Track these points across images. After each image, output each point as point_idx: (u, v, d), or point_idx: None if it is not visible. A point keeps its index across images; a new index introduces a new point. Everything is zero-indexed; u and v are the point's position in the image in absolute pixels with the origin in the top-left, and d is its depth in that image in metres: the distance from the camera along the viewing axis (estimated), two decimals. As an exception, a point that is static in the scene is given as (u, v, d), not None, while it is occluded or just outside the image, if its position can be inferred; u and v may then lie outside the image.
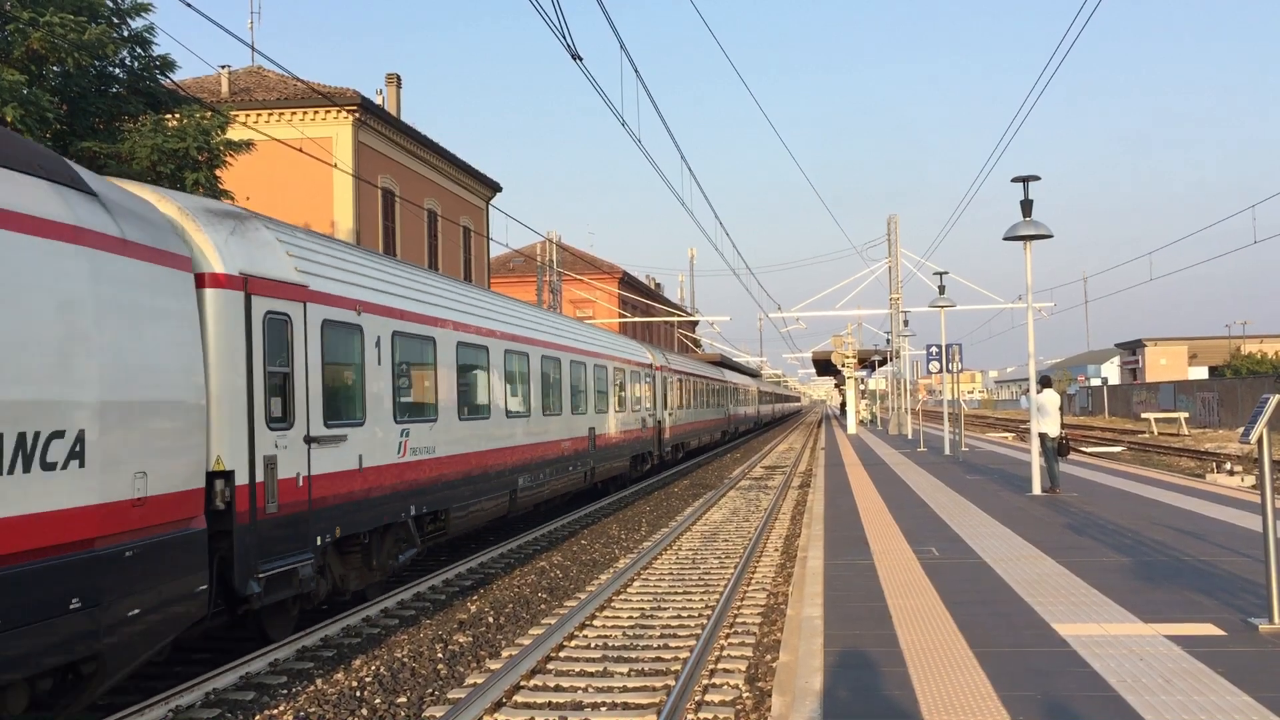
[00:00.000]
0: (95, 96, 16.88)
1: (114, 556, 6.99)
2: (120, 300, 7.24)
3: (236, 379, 8.78)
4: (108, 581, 6.94)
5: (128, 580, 7.15)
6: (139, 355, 7.38)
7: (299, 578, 9.52)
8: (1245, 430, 7.63)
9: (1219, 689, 6.16)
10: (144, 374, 7.42)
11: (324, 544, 10.13)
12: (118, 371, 7.12)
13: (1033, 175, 16.64)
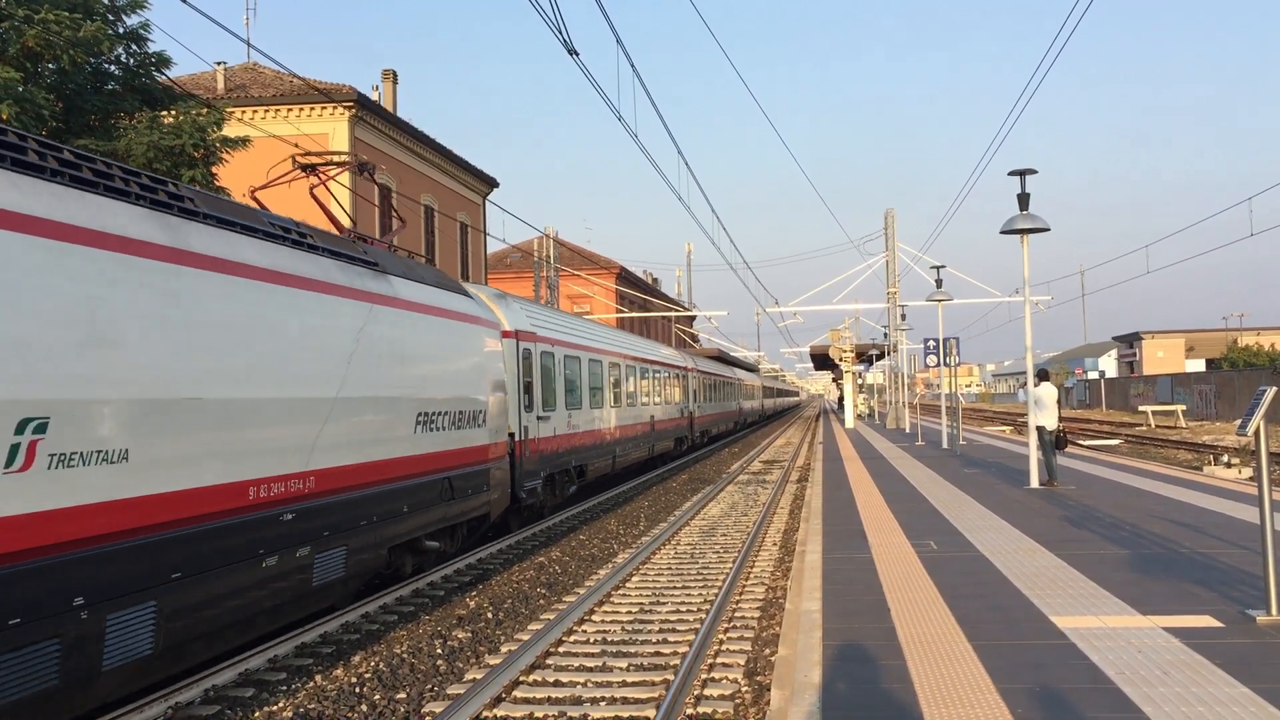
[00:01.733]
0: (91, 94, 16.86)
1: (491, 469, 14.23)
2: (491, 350, 14.39)
3: (515, 385, 16.91)
4: (490, 479, 14.13)
5: (494, 479, 14.32)
6: (497, 374, 14.62)
7: (535, 492, 17.77)
8: (1242, 422, 7.64)
9: (1217, 680, 6.17)
10: (498, 384, 14.65)
11: (542, 477, 18.21)
12: (494, 383, 14.39)
13: (1029, 169, 16.64)
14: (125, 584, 6.92)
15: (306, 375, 9.40)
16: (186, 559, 7.54)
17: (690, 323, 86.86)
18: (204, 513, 7.73)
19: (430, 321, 12.44)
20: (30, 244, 6.33)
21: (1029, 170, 16.65)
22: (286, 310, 9.16)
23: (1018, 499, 16.19)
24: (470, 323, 13.85)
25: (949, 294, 31.92)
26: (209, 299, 7.97)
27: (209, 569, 7.81)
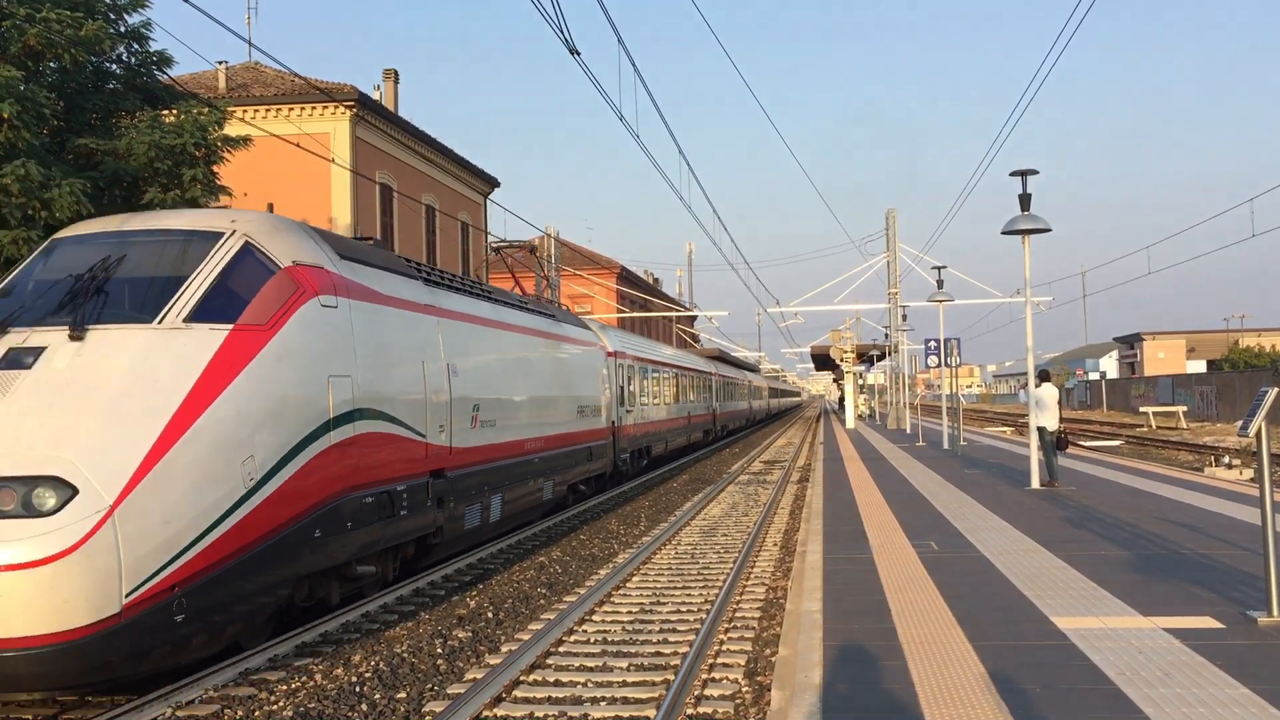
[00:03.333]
0: (92, 93, 16.86)
1: (605, 444, 21.81)
2: (602, 364, 21.99)
3: (612, 390, 22.99)
4: (594, 452, 20.68)
5: (600, 451, 21.24)
6: (600, 385, 21.41)
7: (626, 462, 24.68)
8: (1243, 424, 7.64)
9: (1218, 681, 6.17)
10: (602, 391, 21.59)
11: (629, 452, 25.18)
12: (604, 387, 21.86)
13: (1030, 169, 16.63)
14: (497, 482, 14.34)
15: (535, 383, 16.56)
16: (509, 477, 14.93)
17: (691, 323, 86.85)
18: (515, 455, 15.19)
19: (576, 348, 20.00)
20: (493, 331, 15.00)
21: (1030, 171, 16.64)
22: (518, 347, 15.97)
23: (1018, 499, 16.18)
24: (591, 346, 21.67)
25: (950, 294, 31.93)
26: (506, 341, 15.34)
27: (511, 484, 15.03)
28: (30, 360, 8.15)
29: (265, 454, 8.65)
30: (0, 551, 6.91)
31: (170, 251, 9.27)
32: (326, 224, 28.54)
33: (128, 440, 7.67)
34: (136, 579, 7.34)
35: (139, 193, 15.99)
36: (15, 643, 6.89)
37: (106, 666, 7.39)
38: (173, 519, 7.68)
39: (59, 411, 7.79)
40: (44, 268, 9.40)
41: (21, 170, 13.24)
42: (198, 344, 8.50)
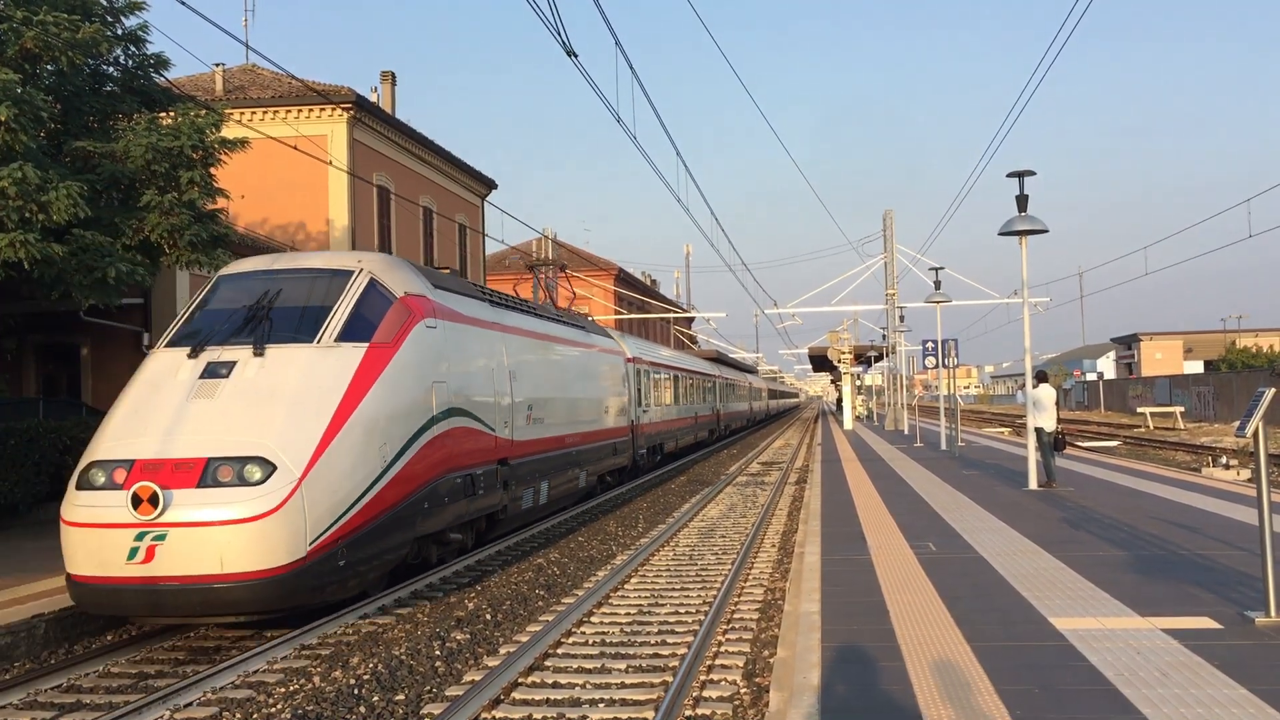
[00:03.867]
0: (89, 95, 16.84)
1: (624, 442, 24.26)
2: (622, 370, 24.72)
3: (631, 392, 25.51)
4: (617, 448, 23.47)
5: (623, 447, 23.99)
6: (622, 387, 24.29)
7: (643, 457, 27.12)
8: (1241, 424, 7.64)
9: (1215, 682, 6.17)
10: (618, 393, 23.72)
11: (646, 449, 27.53)
12: (624, 389, 24.58)
13: (1028, 170, 16.63)
14: (545, 471, 16.93)
15: (572, 386, 19.34)
16: (552, 466, 17.46)
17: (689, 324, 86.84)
18: (555, 449, 17.64)
19: (602, 355, 22.80)
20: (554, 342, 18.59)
21: (1027, 172, 16.65)
22: (558, 355, 18.61)
23: (1016, 500, 16.19)
24: (614, 354, 24.45)
25: (947, 295, 31.92)
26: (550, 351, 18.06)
27: (554, 472, 17.65)
28: (226, 371, 10.62)
29: (394, 442, 11.22)
30: (225, 511, 9.40)
31: (315, 286, 11.77)
32: (324, 225, 28.55)
33: (305, 430, 10.14)
34: (316, 532, 9.84)
35: (136, 195, 15.98)
36: (236, 577, 9.36)
37: (295, 596, 9.81)
38: (337, 490, 10.15)
39: (255, 409, 10.25)
40: (216, 300, 11.96)
41: (19, 173, 13.22)
42: (345, 358, 11.01)
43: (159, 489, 9.41)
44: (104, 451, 10.12)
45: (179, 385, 10.59)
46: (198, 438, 9.96)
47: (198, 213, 16.56)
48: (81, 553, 9.68)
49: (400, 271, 12.68)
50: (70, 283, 15.21)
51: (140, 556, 9.39)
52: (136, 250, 15.88)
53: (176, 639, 10.34)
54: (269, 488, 9.61)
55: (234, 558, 9.39)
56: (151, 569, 9.39)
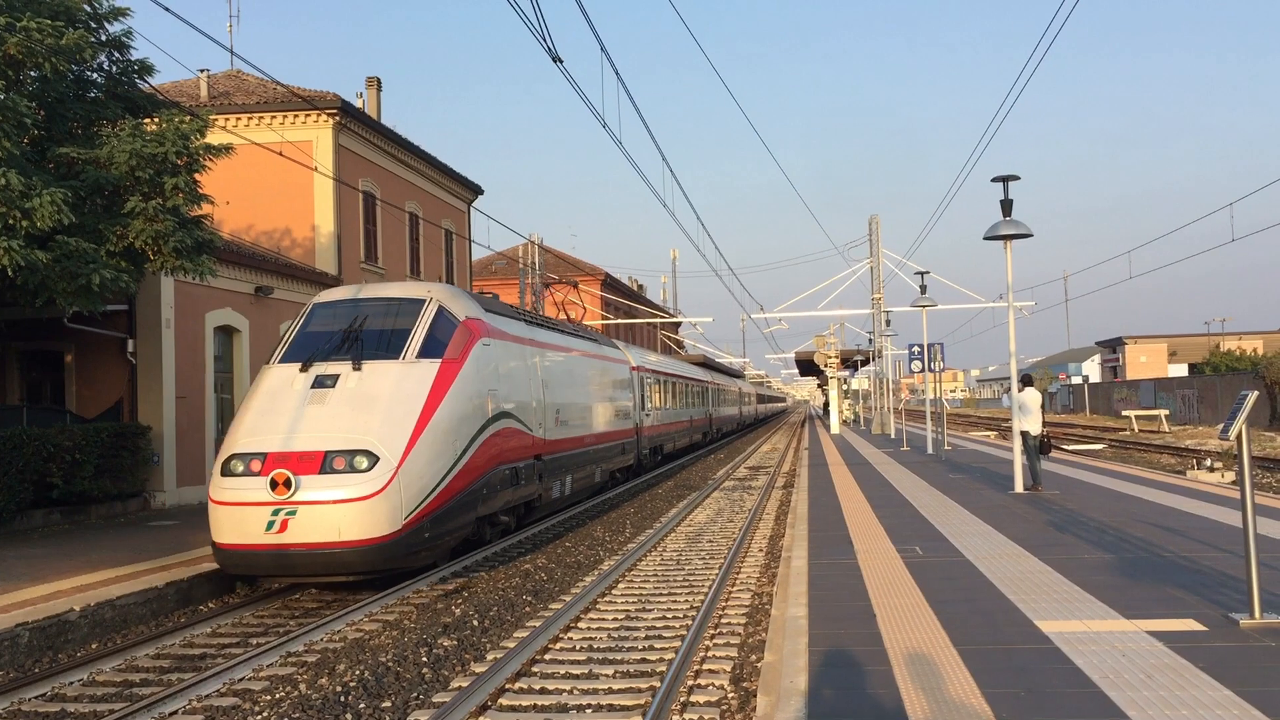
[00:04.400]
0: (73, 101, 16.79)
1: (630, 443, 26.99)
2: (628, 378, 27.43)
3: (635, 398, 27.98)
4: (625, 448, 26.08)
5: (629, 447, 26.88)
6: (628, 394, 26.91)
7: (646, 457, 29.73)
8: (1224, 427, 7.68)
9: (1200, 684, 6.20)
10: (625, 398, 26.48)
11: (648, 449, 30.00)
12: (629, 395, 27.23)
13: (1012, 175, 16.71)
14: (569, 466, 19.39)
15: (589, 393, 21.84)
16: (575, 463, 19.81)
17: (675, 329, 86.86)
18: (577, 448, 20.02)
19: (612, 365, 25.30)
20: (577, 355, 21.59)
21: (1012, 176, 16.72)
22: (578, 366, 21.10)
23: (1002, 504, 16.23)
24: (621, 363, 26.87)
25: (933, 300, 31.98)
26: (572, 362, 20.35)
27: (577, 468, 20.03)
28: (332, 382, 13.01)
29: (462, 439, 13.63)
30: (342, 492, 11.81)
31: (394, 312, 14.13)
32: (310, 232, 28.47)
33: (399, 429, 12.49)
34: (408, 509, 12.23)
35: (120, 201, 15.92)
36: (350, 544, 11.73)
37: (392, 559, 12.15)
38: (423, 477, 12.55)
39: (358, 412, 12.60)
40: (314, 323, 14.29)
41: (2, 180, 13.17)
42: (425, 371, 13.35)
43: (291, 475, 11.82)
44: (241, 446, 12.45)
45: (295, 393, 13.00)
46: (316, 435, 12.35)
47: (182, 219, 16.50)
48: (227, 525, 12.01)
49: (460, 299, 15.19)
50: (54, 289, 15.14)
51: (276, 528, 11.79)
52: (120, 257, 15.81)
53: (161, 646, 10.30)
54: (374, 474, 12.02)
55: (348, 528, 11.76)
56: (284, 538, 11.77)
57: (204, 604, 12.53)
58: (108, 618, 10.98)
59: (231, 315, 23.73)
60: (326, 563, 11.87)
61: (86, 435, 18.84)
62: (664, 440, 33.91)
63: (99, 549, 14.82)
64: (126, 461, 19.98)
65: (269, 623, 11.43)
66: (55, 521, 18.33)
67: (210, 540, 12.36)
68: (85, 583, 11.97)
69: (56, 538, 16.41)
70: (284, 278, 25.92)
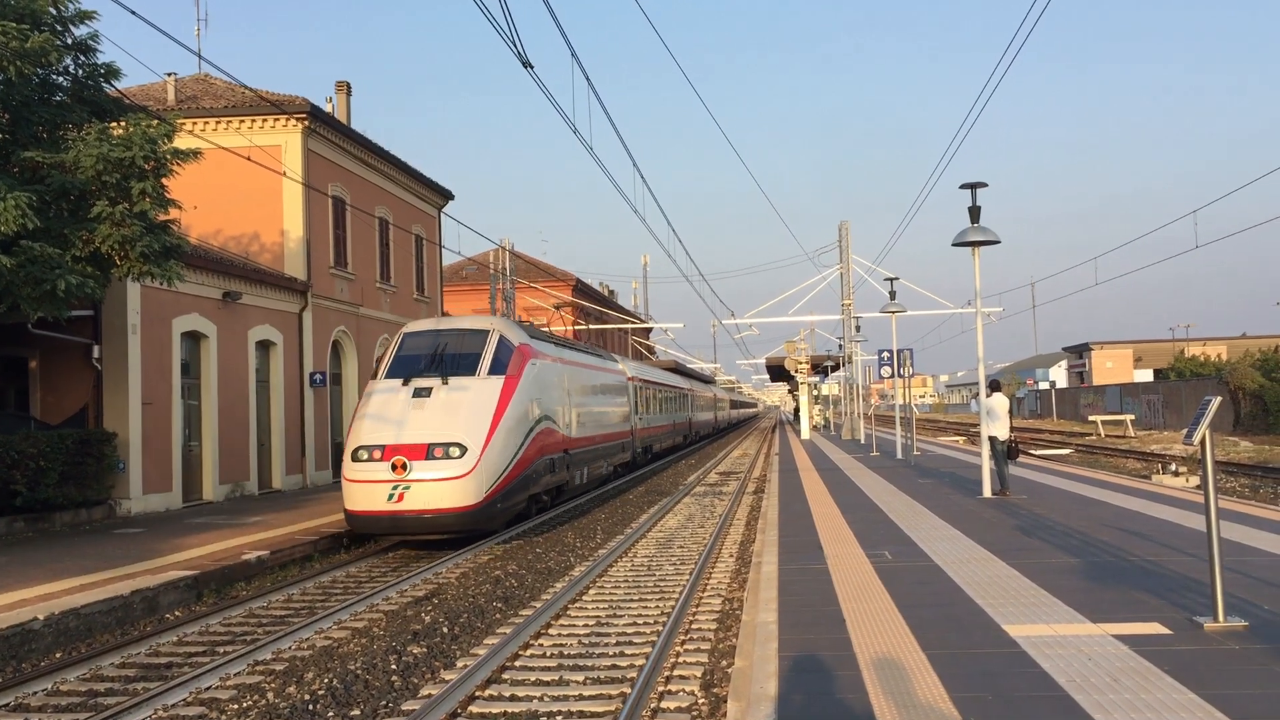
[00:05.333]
0: (38, 105, 16.61)
1: (628, 442, 31.23)
2: (626, 385, 31.64)
3: (631, 403, 32.16)
4: (624, 446, 30.47)
5: (627, 446, 31.03)
6: (622, 401, 30.34)
7: (639, 454, 34.23)
8: (1189, 432, 7.76)
9: (1165, 687, 6.26)
10: (623, 404, 30.43)
11: (640, 448, 34.52)
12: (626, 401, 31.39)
13: (980, 182, 16.85)
14: (585, 460, 23.89)
15: (598, 400, 25.80)
16: (590, 457, 24.41)
17: (646, 335, 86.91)
18: (592, 445, 24.56)
19: (613, 376, 29.53)
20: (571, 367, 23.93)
21: (980, 184, 16.85)
22: (593, 380, 25.66)
23: (971, 509, 16.34)
24: (620, 375, 31.15)
25: (902, 306, 32.18)
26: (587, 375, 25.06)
27: (591, 461, 24.58)
28: (427, 393, 17.10)
29: (521, 436, 17.87)
30: (442, 473, 15.95)
31: (466, 340, 18.33)
32: (279, 237, 28.30)
33: (479, 428, 16.61)
34: (487, 486, 16.38)
35: (86, 206, 15.77)
36: (447, 510, 15.89)
37: (476, 523, 16.35)
38: (496, 463, 16.73)
39: (449, 415, 16.68)
40: (406, 348, 18.38)
41: (-35, 183, 13.01)
42: (494, 385, 17.51)
43: (406, 460, 16.00)
44: (365, 440, 16.53)
45: (400, 401, 17.10)
46: (421, 431, 16.43)
47: (150, 224, 16.37)
48: (358, 496, 16.16)
49: (513, 328, 19.75)
50: (18, 295, 14.98)
51: (394, 499, 15.93)
52: (87, 262, 15.66)
53: (127, 655, 10.20)
54: (464, 461, 16.18)
55: (446, 499, 15.96)
56: (400, 506, 15.93)
57: (171, 612, 12.43)
58: (72, 626, 10.87)
59: (199, 321, 23.55)
60: (430, 524, 16.09)
61: (51, 442, 18.64)
62: (653, 440, 38.75)
63: (64, 557, 14.66)
64: (92, 468, 19.78)
65: (236, 631, 11.34)
66: (19, 529, 18.12)
67: (343, 508, 16.52)
68: (49, 591, 11.85)
69: (20, 546, 16.22)
70: (253, 283, 25.75)
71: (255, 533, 17.30)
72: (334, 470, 29.78)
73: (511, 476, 17.28)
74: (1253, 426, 53.04)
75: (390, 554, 16.82)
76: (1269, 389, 53.93)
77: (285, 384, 27.44)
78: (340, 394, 31.32)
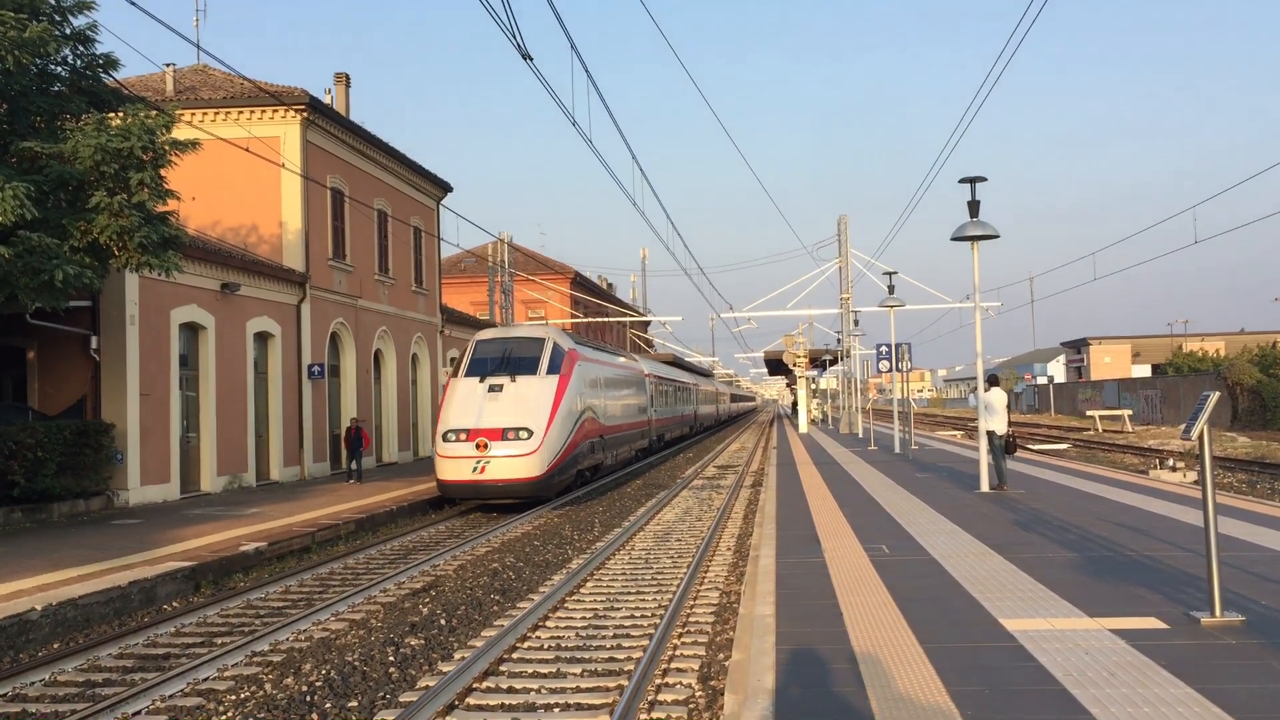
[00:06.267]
0: (36, 95, 16.57)
1: (646, 430, 36.44)
2: (643, 381, 36.13)
3: (647, 397, 36.74)
4: (643, 434, 35.54)
5: (645, 434, 36.25)
6: (641, 396, 35.33)
7: (655, 441, 39.10)
8: (1186, 427, 7.77)
9: (1162, 681, 6.27)
10: (642, 398, 35.43)
11: (656, 436, 39.48)
12: (644, 395, 36.16)
13: (979, 176, 16.80)
14: (615, 444, 28.95)
15: (623, 394, 30.79)
16: (619, 442, 29.68)
17: (645, 328, 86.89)
18: (620, 432, 29.73)
19: (635, 374, 33.93)
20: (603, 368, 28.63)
21: (979, 178, 16.81)
22: (620, 377, 30.65)
23: (968, 503, 16.35)
24: (639, 372, 35.04)
25: (901, 300, 32.16)
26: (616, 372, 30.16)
27: (619, 445, 29.87)
28: (499, 389, 21.30)
29: (571, 424, 22.22)
30: (514, 451, 20.46)
31: (526, 346, 22.66)
32: (277, 228, 28.26)
33: (542, 416, 20.95)
34: (548, 462, 20.81)
35: (84, 197, 15.75)
36: (519, 479, 20.43)
37: (539, 490, 20.73)
38: (554, 445, 21.09)
39: (518, 405, 20.99)
40: (479, 352, 22.69)
41: (-37, 173, 12.99)
42: (551, 382, 21.73)
43: (487, 441, 20.51)
44: (452, 424, 21.07)
45: (478, 395, 21.50)
46: (496, 418, 20.92)
47: (148, 214, 16.34)
48: (448, 469, 20.72)
49: (563, 337, 24.43)
50: (16, 285, 14.96)
51: (477, 471, 20.44)
52: (85, 252, 15.64)
53: (124, 645, 10.21)
54: (531, 442, 20.70)
55: (518, 471, 20.49)
56: (481, 477, 20.44)
57: (168, 603, 12.43)
58: (70, 617, 10.87)
59: (197, 312, 23.53)
60: (504, 490, 20.68)
61: (49, 433, 18.63)
62: (666, 430, 43.44)
63: (61, 548, 14.66)
64: (89, 459, 19.77)
65: (234, 622, 11.35)
66: (16, 520, 18.11)
67: (436, 478, 21.24)
68: (47, 582, 11.85)
69: (18, 536, 16.22)
70: (251, 274, 25.72)
71: (253, 524, 17.31)
72: (332, 462, 29.79)
73: (565, 455, 21.97)
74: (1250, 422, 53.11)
75: (389, 545, 16.83)
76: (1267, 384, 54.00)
77: (283, 376, 27.42)
78: (338, 386, 31.30)
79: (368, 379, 32.74)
